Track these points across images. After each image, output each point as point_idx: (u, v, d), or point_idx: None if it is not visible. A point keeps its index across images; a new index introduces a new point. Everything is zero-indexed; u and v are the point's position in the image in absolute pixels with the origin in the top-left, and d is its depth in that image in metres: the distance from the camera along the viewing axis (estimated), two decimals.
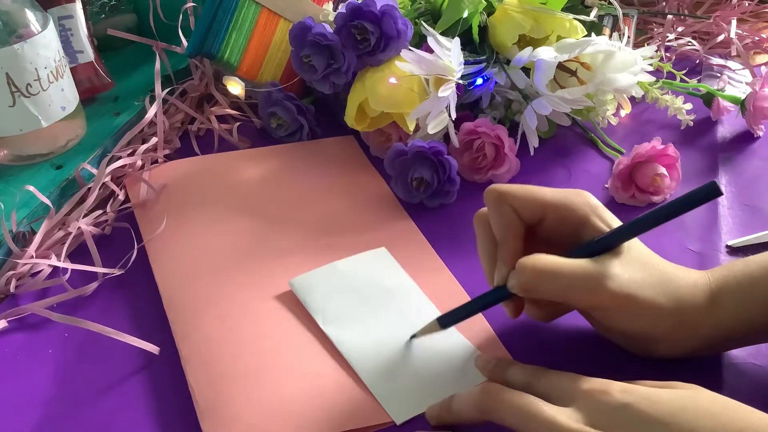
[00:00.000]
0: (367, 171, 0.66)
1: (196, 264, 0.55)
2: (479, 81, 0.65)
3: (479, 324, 0.50)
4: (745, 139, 0.70)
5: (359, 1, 0.62)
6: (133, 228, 0.59)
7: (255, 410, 0.44)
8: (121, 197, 0.63)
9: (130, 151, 0.66)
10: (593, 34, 0.65)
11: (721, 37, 0.84)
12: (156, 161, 0.66)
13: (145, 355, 0.49)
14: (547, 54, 0.61)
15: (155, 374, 0.48)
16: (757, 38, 0.84)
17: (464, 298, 0.52)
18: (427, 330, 0.48)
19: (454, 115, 0.60)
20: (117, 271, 0.55)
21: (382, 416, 0.44)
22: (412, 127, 0.62)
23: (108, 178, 0.62)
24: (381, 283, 0.53)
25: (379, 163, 0.66)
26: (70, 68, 0.66)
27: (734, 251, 0.56)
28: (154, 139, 0.66)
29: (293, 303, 0.52)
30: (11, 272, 0.54)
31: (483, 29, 0.67)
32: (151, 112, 0.67)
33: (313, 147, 0.70)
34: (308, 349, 0.48)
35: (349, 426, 0.43)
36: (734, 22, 0.83)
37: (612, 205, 0.61)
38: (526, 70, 0.65)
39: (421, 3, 0.70)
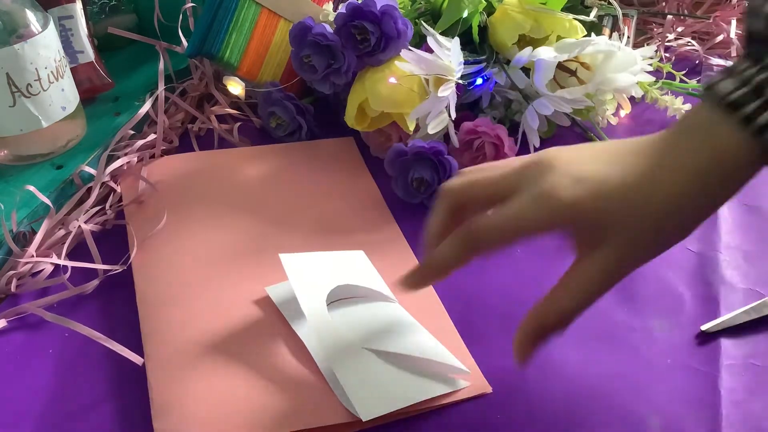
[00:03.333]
0: (360, 174, 0.66)
1: (177, 261, 0.55)
2: (479, 81, 0.65)
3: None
4: None
5: (359, 1, 0.62)
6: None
7: (209, 408, 0.44)
8: (121, 192, 0.63)
9: (130, 149, 0.65)
10: (593, 34, 0.65)
11: (720, 37, 0.84)
12: (153, 156, 0.66)
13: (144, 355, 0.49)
14: (547, 54, 0.61)
15: None
16: None
17: (439, 307, 0.52)
18: None
19: (454, 115, 0.60)
20: (117, 268, 0.55)
21: (342, 415, 0.43)
22: (412, 127, 0.62)
23: (108, 178, 0.62)
24: (356, 283, 0.51)
25: (379, 163, 0.66)
26: (71, 68, 0.66)
27: (707, 337, 0.50)
28: (152, 136, 0.66)
29: (267, 302, 0.51)
30: (12, 272, 0.54)
31: (483, 29, 0.67)
32: (146, 105, 0.66)
33: (309, 148, 0.69)
34: (275, 348, 0.48)
35: (309, 424, 0.43)
36: (734, 22, 0.83)
37: None
38: (526, 70, 0.65)
39: (421, 3, 0.70)
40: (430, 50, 0.59)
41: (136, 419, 0.45)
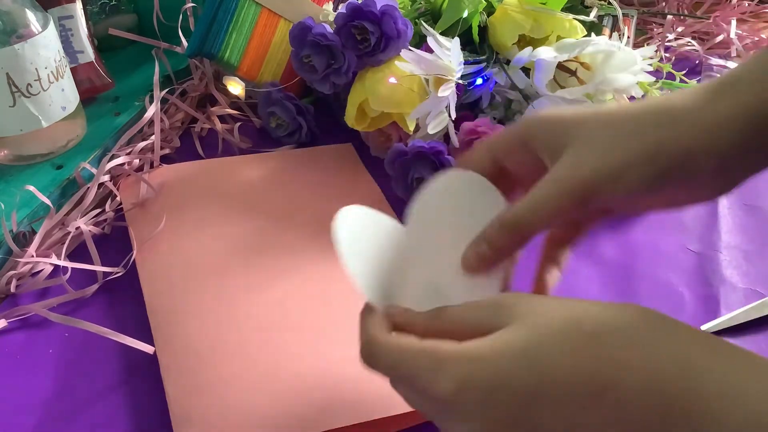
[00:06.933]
0: (360, 176, 0.66)
1: (183, 270, 0.55)
2: (479, 81, 0.65)
3: None
4: None
5: (359, 1, 0.62)
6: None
7: (230, 419, 0.44)
8: (120, 197, 0.63)
9: (129, 150, 0.66)
10: (593, 34, 0.65)
11: (720, 38, 0.84)
12: (152, 164, 0.66)
13: (144, 355, 0.49)
14: (547, 54, 0.61)
15: (155, 374, 0.48)
16: (756, 38, 0.84)
17: None
18: None
19: (454, 115, 0.60)
20: (117, 271, 0.55)
21: (359, 415, 0.43)
22: (412, 127, 0.62)
23: (107, 178, 0.62)
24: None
25: (379, 163, 0.66)
26: (71, 68, 0.66)
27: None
28: (153, 138, 0.66)
29: (277, 307, 0.51)
30: (12, 272, 0.54)
31: (483, 29, 0.67)
32: (150, 112, 0.67)
33: (308, 154, 0.69)
34: (289, 353, 0.48)
35: (328, 426, 0.43)
36: (734, 23, 0.83)
37: None
38: (526, 70, 0.65)
39: (421, 3, 0.70)
40: (430, 50, 0.59)
41: (136, 418, 0.45)
